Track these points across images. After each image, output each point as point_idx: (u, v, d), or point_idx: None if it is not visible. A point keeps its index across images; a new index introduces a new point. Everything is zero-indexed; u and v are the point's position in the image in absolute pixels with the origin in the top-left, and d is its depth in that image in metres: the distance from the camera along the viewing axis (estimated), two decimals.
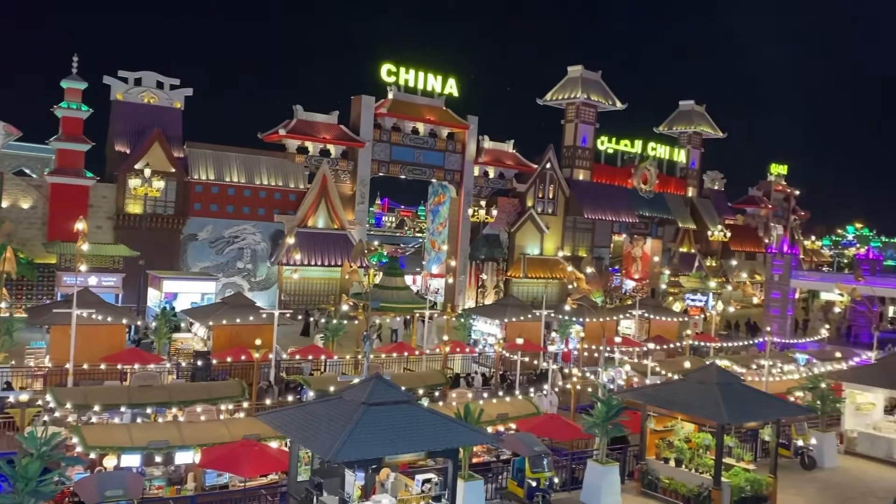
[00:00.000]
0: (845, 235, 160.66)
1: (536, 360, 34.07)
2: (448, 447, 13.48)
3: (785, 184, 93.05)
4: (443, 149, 54.78)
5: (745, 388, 19.54)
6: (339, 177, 50.36)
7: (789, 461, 22.53)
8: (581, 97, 62.04)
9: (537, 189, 60.02)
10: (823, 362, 34.97)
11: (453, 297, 53.87)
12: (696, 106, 77.25)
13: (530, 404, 23.46)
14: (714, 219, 76.60)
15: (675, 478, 18.67)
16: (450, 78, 54.49)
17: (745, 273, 79.10)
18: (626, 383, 29.89)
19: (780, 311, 50.97)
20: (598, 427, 18.07)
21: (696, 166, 76.96)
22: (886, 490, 20.89)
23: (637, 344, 37.36)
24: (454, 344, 33.43)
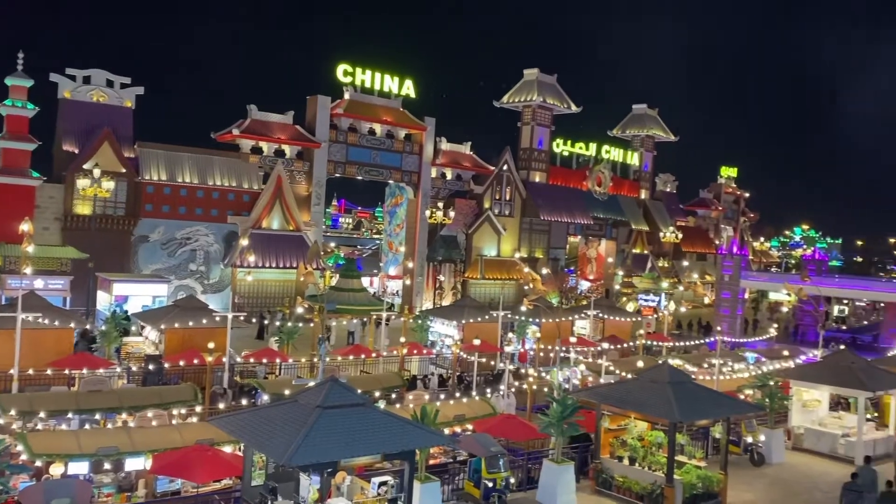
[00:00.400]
0: (793, 237, 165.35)
1: (493, 361, 34.23)
2: (404, 449, 13.46)
3: (735, 186, 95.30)
4: (400, 150, 54.69)
5: (697, 387, 19.93)
6: (295, 177, 49.89)
7: (739, 458, 23.02)
8: (537, 100, 62.61)
9: (494, 191, 60.35)
10: (772, 361, 35.89)
11: (411, 298, 53.81)
12: (649, 110, 78.61)
13: (487, 405, 23.56)
14: (666, 220, 78.02)
15: (628, 476, 18.94)
16: (407, 79, 54.45)
17: (696, 273, 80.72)
18: (581, 383, 30.20)
19: (729, 311, 52.13)
20: (553, 427, 18.22)
21: (648, 169, 78.31)
22: (831, 484, 21.50)
23: (592, 344, 37.84)
24: (411, 346, 33.38)
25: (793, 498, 20.29)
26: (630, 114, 79.16)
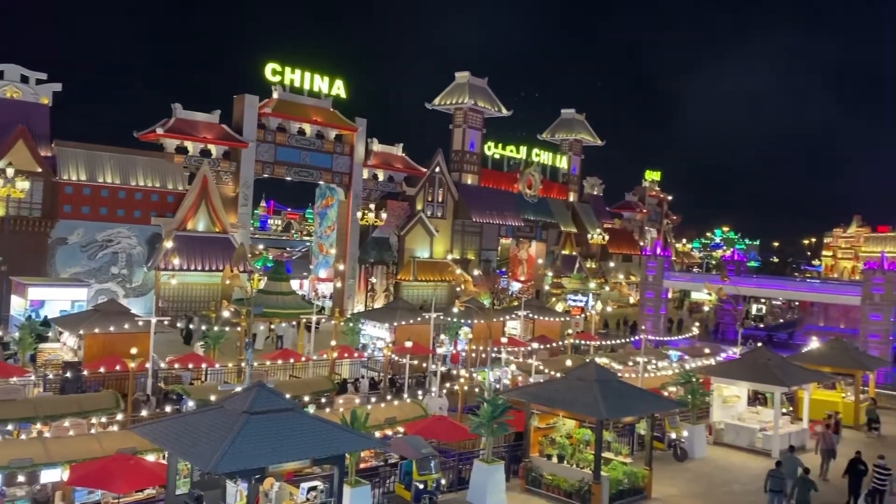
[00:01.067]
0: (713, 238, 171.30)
1: (425, 363, 34.25)
2: (333, 454, 13.33)
3: (658, 189, 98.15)
4: (330, 150, 54.16)
5: (622, 385, 20.43)
6: (221, 178, 48.77)
7: (663, 453, 23.68)
8: (468, 103, 63.05)
9: (427, 192, 60.44)
10: (694, 358, 37.04)
11: (342, 301, 53.33)
12: (577, 115, 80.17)
13: (419, 407, 23.54)
14: (593, 222, 79.74)
15: (557, 474, 19.25)
16: (337, 79, 53.98)
17: (622, 274, 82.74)
18: (511, 383, 30.53)
19: (653, 311, 53.60)
20: (483, 427, 18.36)
21: (576, 172, 79.86)
22: (750, 477, 22.37)
23: (522, 344, 38.29)
24: (342, 349, 33.09)
25: (714, 490, 21.00)
26: (559, 118, 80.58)
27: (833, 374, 29.58)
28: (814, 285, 61.41)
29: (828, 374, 29.11)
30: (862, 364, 30.58)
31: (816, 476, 21.23)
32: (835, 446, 23.54)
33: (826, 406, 29.00)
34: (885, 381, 37.22)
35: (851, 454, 22.40)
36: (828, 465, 22.84)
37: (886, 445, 27.17)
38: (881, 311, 42.88)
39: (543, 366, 30.73)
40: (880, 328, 42.72)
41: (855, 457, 20.03)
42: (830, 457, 22.87)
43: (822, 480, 21.72)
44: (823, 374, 28.76)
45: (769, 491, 18.80)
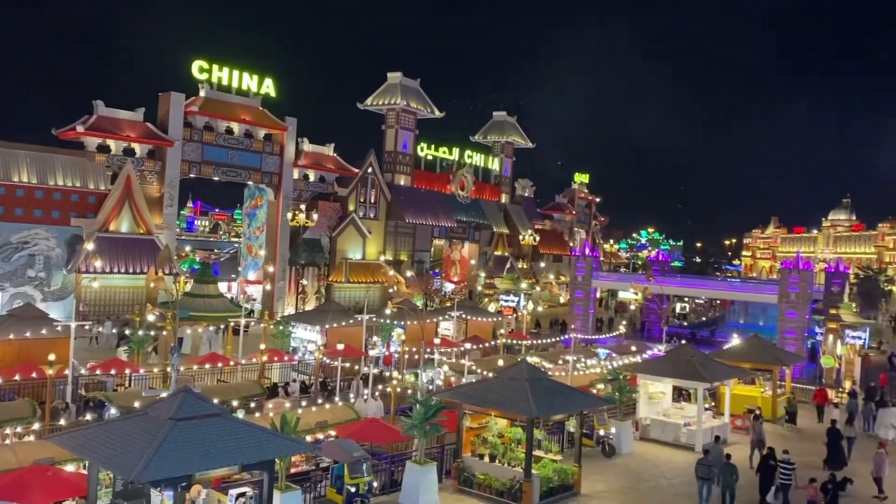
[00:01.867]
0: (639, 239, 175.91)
1: (358, 366, 34.02)
2: (263, 459, 13.11)
3: (587, 191, 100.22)
4: (259, 150, 53.21)
5: (552, 383, 20.78)
6: (146, 178, 47.31)
7: (592, 450, 24.18)
8: (401, 104, 62.95)
9: (359, 193, 60.04)
10: (621, 356, 37.96)
11: (272, 303, 52.45)
12: (508, 117, 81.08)
13: (351, 410, 23.38)
14: (525, 224, 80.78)
15: (489, 473, 19.42)
16: (267, 78, 53.09)
17: (553, 274, 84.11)
18: (444, 383, 30.64)
19: (582, 310, 54.66)
20: (416, 428, 18.38)
21: (508, 174, 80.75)
22: (674, 471, 23.08)
23: (455, 344, 38.47)
24: (272, 352, 32.56)
25: (640, 485, 21.57)
26: (491, 120, 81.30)
27: (752, 369, 30.77)
28: (734, 284, 63.84)
29: (747, 370, 30.28)
30: (779, 360, 31.93)
31: (747, 465, 22.57)
32: (764, 437, 24.73)
33: (746, 401, 30.17)
34: (800, 375, 38.95)
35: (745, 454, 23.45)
36: (761, 453, 23.68)
37: (803, 438, 28.48)
38: (797, 308, 44.84)
39: (476, 366, 30.95)
40: (796, 325, 44.67)
41: (766, 452, 20.88)
42: (761, 447, 23.94)
43: (752, 468, 22.68)
44: (743, 369, 29.91)
45: (699, 478, 19.85)
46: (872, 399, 31.71)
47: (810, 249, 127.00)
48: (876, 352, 52.65)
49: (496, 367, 29.19)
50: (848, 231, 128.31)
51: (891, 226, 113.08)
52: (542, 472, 19.19)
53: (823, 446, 24.77)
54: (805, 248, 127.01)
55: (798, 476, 20.05)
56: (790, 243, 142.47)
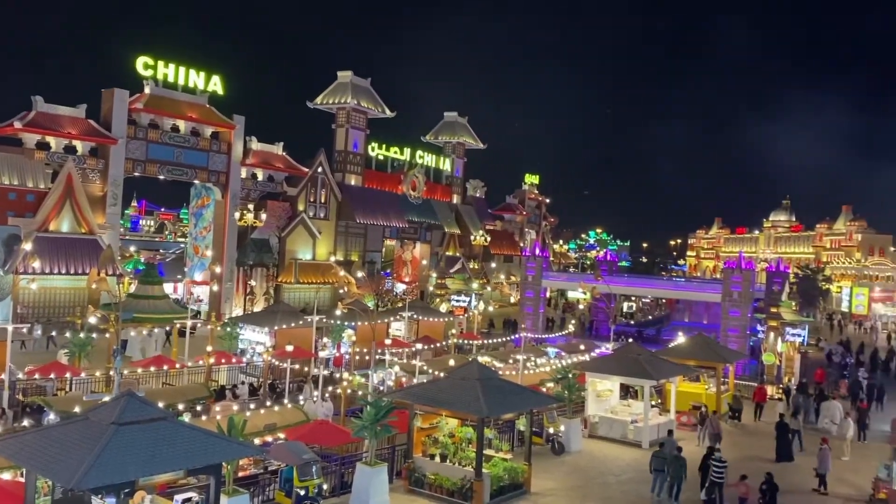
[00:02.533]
0: (588, 239, 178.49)
1: (307, 367, 33.67)
2: (209, 463, 12.86)
3: (537, 192, 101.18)
4: (206, 148, 52.24)
5: (503, 382, 20.90)
6: (88, 176, 45.99)
7: (542, 448, 24.41)
8: (351, 103, 62.55)
9: (309, 193, 59.44)
10: (570, 355, 38.44)
11: (219, 305, 51.53)
12: (459, 118, 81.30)
13: (300, 412, 23.16)
14: (476, 224, 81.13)
15: (440, 473, 19.44)
16: (214, 75, 52.16)
17: (503, 274, 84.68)
18: (395, 384, 30.56)
19: (532, 309, 55.14)
20: (367, 429, 18.27)
21: (460, 175, 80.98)
22: (622, 468, 23.46)
23: (406, 345, 38.40)
24: (219, 354, 32.00)
25: (589, 482, 21.86)
26: (442, 121, 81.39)
27: (697, 366, 31.48)
28: (679, 283, 65.21)
29: (692, 367, 30.96)
30: (722, 357, 32.73)
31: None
32: (721, 431, 25.60)
33: (691, 397, 30.84)
34: (743, 372, 39.99)
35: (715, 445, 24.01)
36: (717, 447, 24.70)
37: (747, 433, 29.27)
38: (739, 307, 46.01)
39: (427, 366, 30.94)
40: (738, 323, 45.83)
41: (707, 451, 21.30)
42: (717, 440, 24.83)
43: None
44: (688, 367, 30.56)
45: (653, 470, 20.65)
46: (804, 394, 32.87)
47: (752, 249, 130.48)
48: (814, 348, 54.49)
49: (447, 367, 29.23)
50: (788, 232, 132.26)
51: (828, 227, 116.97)
52: (492, 471, 19.29)
53: (765, 441, 25.49)
54: (747, 248, 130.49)
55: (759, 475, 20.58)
56: (733, 243, 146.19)
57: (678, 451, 20.88)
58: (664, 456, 20.69)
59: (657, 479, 20.53)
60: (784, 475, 23.13)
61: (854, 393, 35.09)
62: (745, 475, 19.56)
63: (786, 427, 25.43)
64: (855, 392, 35.15)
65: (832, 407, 29.76)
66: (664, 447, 21.34)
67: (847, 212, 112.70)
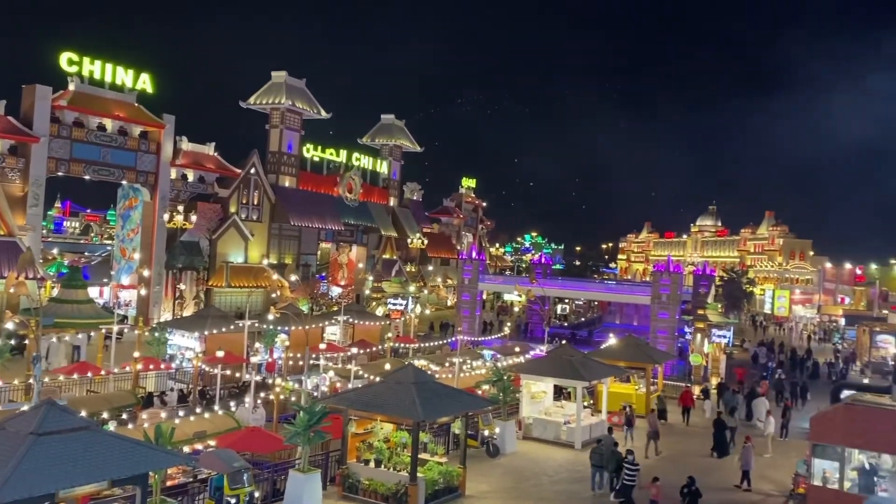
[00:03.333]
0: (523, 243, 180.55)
1: (239, 373, 33.00)
2: (134, 473, 12.46)
3: (474, 196, 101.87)
4: (134, 148, 50.69)
5: (438, 386, 20.93)
6: (7, 175, 44.02)
7: (477, 450, 24.53)
8: (286, 103, 61.71)
9: (241, 194, 58.33)
10: (506, 357, 38.73)
11: (147, 309, 50.03)
12: (396, 120, 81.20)
13: (231, 419, 22.67)
14: (413, 227, 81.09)
15: (374, 478, 19.32)
16: (143, 73, 50.68)
17: (440, 277, 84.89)
18: (330, 389, 30.24)
19: (469, 312, 55.45)
20: (299, 436, 18.02)
21: (397, 177, 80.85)
22: (555, 469, 23.78)
23: (341, 349, 38.03)
24: (147, 360, 31.05)
25: (523, 483, 22.08)
26: (379, 123, 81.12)
27: (627, 367, 32.19)
28: (610, 286, 66.56)
29: (623, 368, 31.64)
30: (651, 358, 33.56)
31: (643, 455, 24.46)
32: (658, 428, 26.56)
33: (622, 398, 31.49)
34: (671, 372, 41.10)
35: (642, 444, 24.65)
36: (656, 444, 26.03)
37: (674, 433, 30.04)
38: (668, 309, 47.29)
39: (363, 371, 30.72)
40: (667, 325, 47.09)
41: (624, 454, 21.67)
42: (655, 437, 25.93)
43: (645, 458, 24.67)
44: (619, 368, 31.23)
45: (592, 465, 21.52)
46: (728, 392, 34.22)
47: (680, 253, 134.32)
48: (739, 349, 56.44)
49: (383, 371, 29.09)
50: (714, 236, 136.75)
51: (751, 231, 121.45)
52: (427, 474, 19.28)
53: (696, 439, 26.32)
54: (675, 251, 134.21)
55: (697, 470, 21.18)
56: (662, 247, 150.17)
57: (615, 447, 21.77)
58: (602, 452, 21.52)
59: (596, 474, 21.40)
60: (710, 472, 23.90)
61: (778, 391, 36.53)
62: (656, 477, 19.76)
63: (723, 424, 26.69)
64: (779, 390, 36.61)
65: (761, 404, 31.02)
66: (602, 444, 22.13)
67: (770, 217, 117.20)
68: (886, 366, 46.72)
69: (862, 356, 51.59)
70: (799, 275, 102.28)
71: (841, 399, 22.16)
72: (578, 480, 21.93)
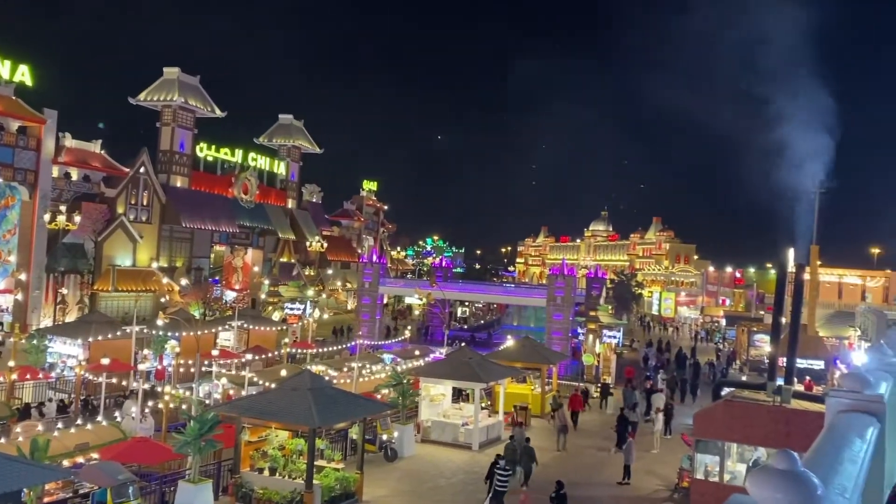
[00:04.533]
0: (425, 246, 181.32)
1: (126, 381, 31.49)
2: (5, 491, 11.65)
3: (375, 199, 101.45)
4: (12, 144, 47.52)
5: (336, 391, 20.70)
6: None
7: (375, 455, 24.38)
8: (178, 100, 59.49)
9: (130, 195, 55.73)
10: (406, 360, 38.76)
11: (25, 315, 46.96)
12: (295, 120, 79.81)
13: (116, 430, 21.62)
14: (312, 230, 79.89)
15: (269, 487, 18.88)
16: (21, 64, 47.63)
17: (340, 281, 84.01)
18: (223, 397, 29.33)
19: (369, 316, 55.15)
20: (189, 445, 17.39)
21: (295, 179, 79.42)
22: (453, 471, 23.95)
23: (235, 355, 36.99)
24: (23, 369, 29.18)
25: (421, 486, 22.13)
26: (276, 123, 79.48)
27: (524, 368, 32.88)
28: (509, 289, 67.92)
29: (519, 369, 32.29)
30: (547, 359, 34.42)
31: (553, 448, 26.45)
32: (568, 422, 28.03)
33: (518, 398, 32.12)
34: (565, 372, 42.28)
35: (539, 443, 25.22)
36: (564, 437, 27.36)
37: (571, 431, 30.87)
38: (562, 311, 48.66)
39: (258, 377, 29.96)
40: (562, 326, 48.44)
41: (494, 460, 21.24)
42: (564, 432, 27.32)
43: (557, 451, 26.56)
44: (516, 369, 31.85)
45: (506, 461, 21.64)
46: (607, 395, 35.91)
47: (574, 257, 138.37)
48: (628, 349, 58.67)
49: (279, 377, 28.47)
50: (605, 241, 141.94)
51: (640, 236, 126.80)
52: (323, 481, 19.02)
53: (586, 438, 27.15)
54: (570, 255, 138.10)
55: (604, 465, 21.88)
56: (557, 251, 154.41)
57: (527, 442, 22.77)
58: (514, 447, 22.33)
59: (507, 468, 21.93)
60: (603, 468, 24.74)
61: (671, 388, 38.23)
62: (525, 483, 20.09)
63: (626, 419, 27.94)
64: (672, 388, 38.30)
65: (659, 399, 32.49)
66: (515, 440, 22.97)
67: (657, 223, 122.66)
68: (762, 363, 49.79)
69: (741, 355, 54.75)
70: (684, 278, 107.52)
71: (721, 396, 23.40)
72: (476, 481, 22.18)
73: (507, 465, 21.26)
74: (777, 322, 22.32)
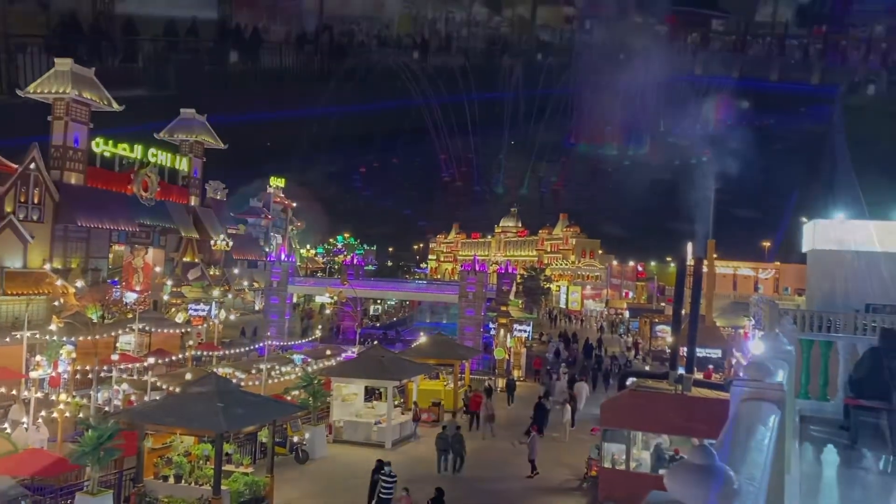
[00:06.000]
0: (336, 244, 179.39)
1: (16, 390, 29.64)
2: None
3: (283, 196, 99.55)
4: None
5: (243, 394, 20.14)
6: None
7: (286, 458, 23.90)
8: (72, 93, 56.42)
9: (19, 192, 52.40)
10: (317, 360, 38.18)
11: None
12: (198, 115, 77.17)
13: (6, 442, 20.26)
14: (217, 228, 77.54)
15: (174, 495, 18.20)
16: None
17: (247, 281, 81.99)
18: (124, 403, 28.10)
19: (278, 316, 54.08)
20: (87, 455, 16.53)
21: (198, 175, 76.84)
22: (366, 470, 23.63)
23: (137, 360, 35.50)
24: None
25: (333, 487, 21.85)
26: (178, 118, 76.58)
27: (437, 364, 33.01)
28: (421, 286, 68.08)
29: (433, 366, 32.38)
30: (459, 354, 34.69)
31: (481, 436, 27.74)
32: (493, 412, 29.03)
33: (431, 395, 32.23)
34: (477, 367, 42.73)
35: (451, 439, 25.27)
36: (491, 426, 28.52)
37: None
38: (474, 306, 49.16)
39: (161, 381, 28.84)
40: (473, 321, 48.95)
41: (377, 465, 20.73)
42: (491, 420, 28.58)
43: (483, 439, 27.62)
44: (429, 365, 31.92)
45: (438, 450, 23.13)
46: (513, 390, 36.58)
47: (485, 253, 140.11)
48: (538, 342, 59.90)
49: (183, 381, 27.45)
50: (515, 237, 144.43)
51: (548, 232, 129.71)
52: (231, 487, 18.47)
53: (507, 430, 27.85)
54: (481, 251, 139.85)
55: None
56: (469, 247, 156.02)
57: (457, 430, 23.62)
58: (446, 437, 23.06)
59: (441, 458, 22.98)
60: (512, 461, 25.12)
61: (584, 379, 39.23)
62: (406, 488, 19.23)
63: (543, 407, 28.86)
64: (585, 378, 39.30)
65: (582, 388, 33.38)
66: (446, 430, 23.61)
67: (564, 219, 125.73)
68: (664, 353, 51.79)
69: (644, 345, 56.80)
70: (589, 272, 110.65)
71: (626, 386, 24.13)
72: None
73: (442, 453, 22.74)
74: (677, 313, 23.21)
